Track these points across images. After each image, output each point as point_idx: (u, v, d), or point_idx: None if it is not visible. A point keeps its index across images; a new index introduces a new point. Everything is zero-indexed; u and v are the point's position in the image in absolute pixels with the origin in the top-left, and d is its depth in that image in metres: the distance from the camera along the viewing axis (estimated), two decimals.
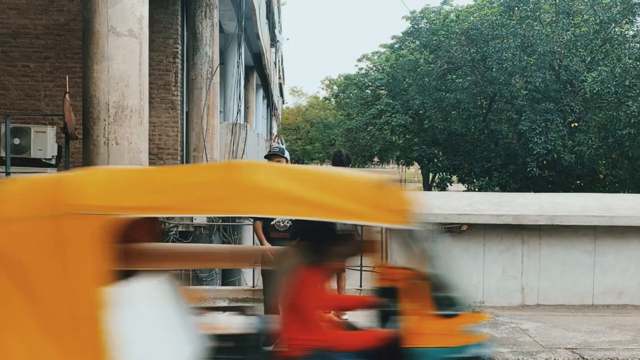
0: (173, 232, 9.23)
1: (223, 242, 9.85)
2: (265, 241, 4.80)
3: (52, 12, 9.05)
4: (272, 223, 4.81)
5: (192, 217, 9.25)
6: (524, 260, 6.19)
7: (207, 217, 9.35)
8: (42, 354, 1.97)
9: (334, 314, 5.50)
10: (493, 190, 18.74)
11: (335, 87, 51.89)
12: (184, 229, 9.37)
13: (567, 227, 6.12)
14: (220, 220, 9.45)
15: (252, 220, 4.83)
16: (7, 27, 9.04)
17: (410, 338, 2.27)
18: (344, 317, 5.51)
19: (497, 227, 6.11)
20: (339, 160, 5.73)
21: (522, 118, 17.99)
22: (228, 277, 10.56)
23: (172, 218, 9.15)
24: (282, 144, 35.29)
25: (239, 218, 9.81)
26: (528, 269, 6.18)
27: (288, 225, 4.93)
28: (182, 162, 9.60)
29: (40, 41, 9.09)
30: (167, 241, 9.15)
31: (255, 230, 4.89)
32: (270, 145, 22.06)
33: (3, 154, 6.88)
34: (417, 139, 26.49)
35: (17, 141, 7.18)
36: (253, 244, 9.03)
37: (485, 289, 6.14)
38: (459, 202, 6.24)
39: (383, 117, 28.57)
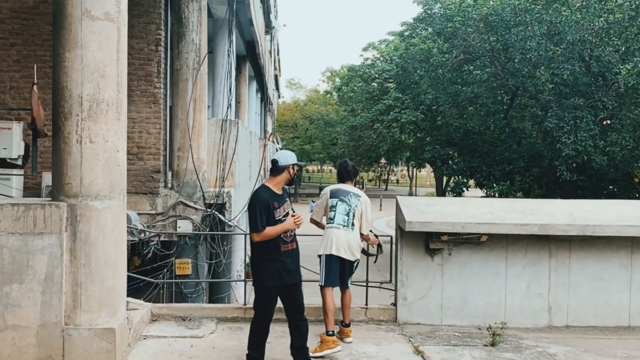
0: (154, 243, 9.20)
1: (211, 253, 9.82)
2: (282, 226, 4.70)
3: None
4: (281, 235, 4.75)
5: (176, 226, 9.23)
6: (551, 275, 6.15)
7: (193, 226, 9.33)
8: None
9: (337, 336, 5.49)
10: (515, 196, 18.70)
11: (337, 80, 51.97)
12: (166, 239, 9.35)
13: (601, 238, 6.08)
14: (208, 229, 9.43)
15: (260, 227, 4.66)
16: None
17: None
18: (348, 340, 5.49)
19: (521, 238, 6.07)
20: (345, 172, 5.80)
21: (548, 115, 17.98)
22: (216, 293, 10.53)
23: (154, 226, 9.13)
24: (278, 143, 35.30)
25: (229, 226, 9.80)
26: (556, 286, 6.14)
27: (293, 234, 4.90)
28: (165, 163, 9.58)
29: (5, 26, 9.07)
30: (148, 252, 9.12)
31: (266, 238, 4.65)
32: (265, 145, 22.04)
33: None
34: (430, 138, 26.51)
35: None
36: (245, 254, 9.02)
37: (507, 308, 6.10)
38: (478, 209, 6.20)
39: (391, 113, 28.62)
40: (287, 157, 4.89)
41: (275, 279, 4.67)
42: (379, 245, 5.96)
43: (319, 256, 5.54)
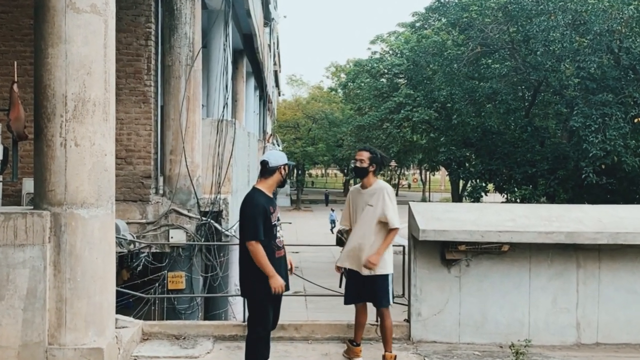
0: (144, 254, 9.22)
1: (206, 265, 9.83)
2: (273, 273, 4.68)
3: None
4: (276, 241, 4.78)
5: (168, 236, 9.25)
6: (579, 288, 6.13)
7: (186, 236, 9.34)
8: None
9: (345, 356, 5.49)
10: (539, 201, 18.67)
11: (343, 76, 52.06)
12: (158, 250, 9.36)
13: (634, 247, 6.06)
14: (203, 239, 9.44)
15: (245, 239, 4.72)
16: None
17: None
18: None
19: (545, 248, 6.06)
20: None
21: (574, 112, 17.95)
22: (212, 309, 10.54)
23: (144, 237, 9.15)
24: (278, 145, 35.35)
25: (226, 236, 9.81)
26: (585, 299, 6.12)
27: (283, 239, 4.93)
28: (156, 167, 9.60)
29: None
30: (138, 265, 9.14)
31: (257, 255, 4.71)
32: (265, 147, 22.08)
33: None
34: (444, 138, 26.46)
35: None
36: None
37: (532, 324, 6.08)
38: (498, 216, 6.19)
39: (402, 111, 28.62)
40: (278, 158, 4.91)
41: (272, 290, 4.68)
42: None
43: (384, 276, 5.45)
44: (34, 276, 4.52)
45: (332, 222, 38.23)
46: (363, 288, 5.45)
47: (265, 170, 4.86)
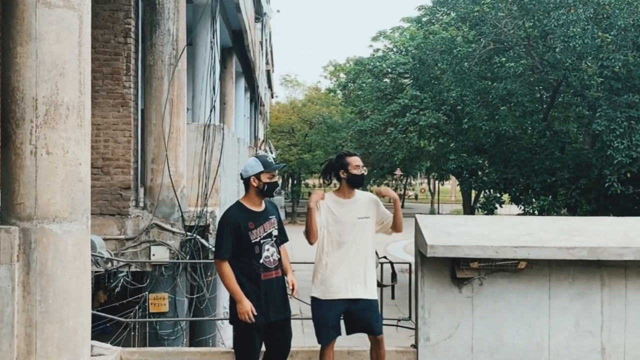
0: (123, 274, 9.20)
1: (192, 286, 9.82)
2: (240, 297, 4.69)
3: None
4: (261, 261, 4.77)
5: (149, 253, 9.24)
6: (604, 309, 6.12)
7: (170, 253, 9.33)
8: None
9: None
10: (559, 214, 18.68)
11: (342, 75, 52.16)
12: (138, 269, 9.35)
13: None
14: (188, 257, 9.43)
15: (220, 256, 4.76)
16: None
17: None
18: None
19: (566, 264, 6.05)
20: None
21: (597, 115, 18.01)
22: (198, 335, 10.51)
23: (123, 254, 9.13)
24: (272, 152, 35.37)
25: (213, 253, 9.80)
26: (610, 321, 6.11)
27: (277, 258, 4.91)
28: (136, 178, 9.61)
29: None
30: (116, 286, 9.12)
31: (221, 276, 4.72)
32: (257, 154, 22.09)
33: None
34: (454, 144, 26.54)
35: None
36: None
37: (552, 349, 6.07)
38: (514, 229, 6.19)
39: (407, 114, 28.70)
40: (248, 168, 4.93)
41: (256, 318, 4.66)
42: (393, 275, 5.95)
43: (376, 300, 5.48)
44: (0, 298, 4.50)
45: None
46: (361, 315, 5.42)
47: (244, 182, 4.91)
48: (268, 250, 4.86)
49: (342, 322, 5.36)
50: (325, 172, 5.56)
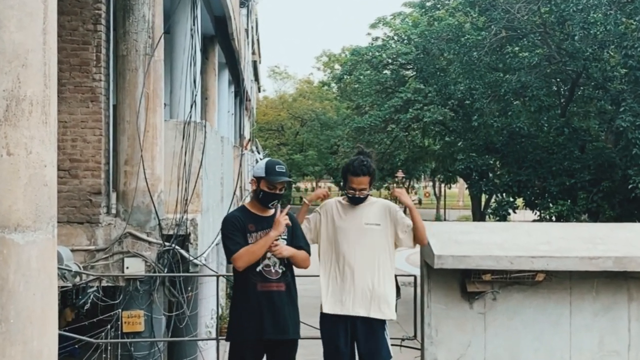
0: (93, 289, 9.17)
1: (170, 302, 9.79)
2: (270, 232, 4.78)
3: None
4: (258, 269, 4.76)
5: (123, 266, 9.21)
6: (631, 325, 6.13)
7: (145, 265, 9.31)
8: None
9: None
10: (580, 220, 18.75)
11: (337, 67, 52.30)
12: (110, 284, 9.32)
13: None
14: (166, 270, 9.41)
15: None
16: None
17: None
18: None
19: (589, 276, 6.06)
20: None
21: (621, 110, 18.10)
22: (178, 356, 10.48)
23: (93, 267, 9.10)
24: (259, 153, 35.38)
25: (195, 266, 9.79)
26: (638, 340, 6.13)
27: (281, 271, 4.89)
28: (108, 182, 9.58)
29: None
30: (85, 302, 9.09)
31: (246, 257, 4.70)
32: (242, 155, 22.09)
33: None
34: (463, 142, 26.61)
35: None
36: (217, 303, 9.00)
37: None
38: (531, 237, 6.20)
39: (410, 110, 28.76)
40: (255, 168, 5.09)
41: (246, 331, 4.66)
42: (397, 289, 5.93)
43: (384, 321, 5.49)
44: None
45: None
46: (361, 340, 5.41)
47: None
48: (269, 259, 4.83)
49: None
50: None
